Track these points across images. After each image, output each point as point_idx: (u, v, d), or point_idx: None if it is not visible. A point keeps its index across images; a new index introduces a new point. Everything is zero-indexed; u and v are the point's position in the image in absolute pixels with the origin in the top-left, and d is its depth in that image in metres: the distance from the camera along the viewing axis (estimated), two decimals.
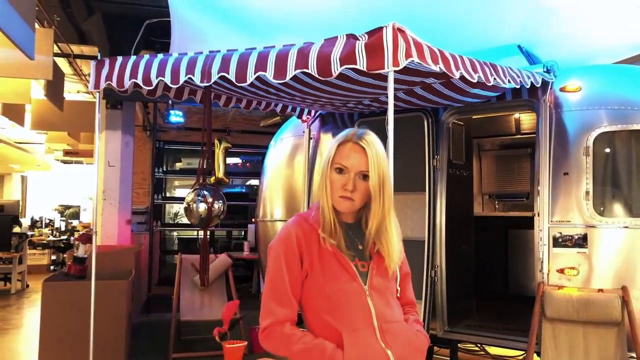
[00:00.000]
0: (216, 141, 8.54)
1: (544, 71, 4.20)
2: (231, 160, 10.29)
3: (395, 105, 4.33)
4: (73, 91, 11.09)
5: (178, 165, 10.72)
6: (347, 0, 4.60)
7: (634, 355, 3.42)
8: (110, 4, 6.76)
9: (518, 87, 3.58)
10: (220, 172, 7.57)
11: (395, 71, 2.51)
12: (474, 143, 6.48)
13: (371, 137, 1.67)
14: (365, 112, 4.71)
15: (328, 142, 5.17)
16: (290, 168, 5.49)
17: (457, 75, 2.68)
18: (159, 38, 7.63)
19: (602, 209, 3.77)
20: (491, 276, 5.67)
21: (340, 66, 2.41)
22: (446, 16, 4.86)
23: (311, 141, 5.23)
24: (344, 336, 1.56)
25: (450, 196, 4.51)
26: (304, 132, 5.29)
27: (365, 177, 1.63)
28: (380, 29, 2.41)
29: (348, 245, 1.65)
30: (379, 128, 4.78)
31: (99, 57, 7.15)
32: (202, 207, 3.84)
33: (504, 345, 4.16)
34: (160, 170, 9.82)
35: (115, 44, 7.43)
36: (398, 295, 1.76)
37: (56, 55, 7.83)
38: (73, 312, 4.67)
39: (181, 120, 7.13)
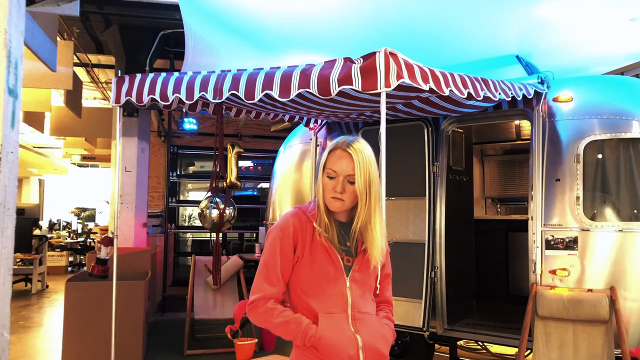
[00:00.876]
0: (229, 146, 8.85)
1: (538, 82, 4.42)
2: (243, 164, 10.56)
3: (395, 116, 4.59)
4: (90, 98, 11.47)
5: (192, 169, 11.02)
6: (352, 17, 4.82)
7: (619, 351, 3.62)
8: (127, 17, 7.07)
9: (509, 99, 3.80)
10: (232, 176, 7.86)
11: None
12: (477, 149, 6.72)
13: (359, 145, 1.84)
14: (368, 121, 4.95)
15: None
16: (299, 173, 5.74)
17: (446, 92, 2.91)
18: (172, 48, 7.95)
19: (591, 213, 3.98)
20: (492, 278, 5.87)
21: (338, 86, 2.66)
22: (447, 29, 5.07)
23: (318, 148, 5.49)
24: (319, 317, 1.77)
25: (450, 201, 4.73)
26: (311, 139, 5.55)
27: (352, 181, 1.81)
28: (373, 53, 2.66)
29: (339, 241, 1.84)
30: (379, 135, 5.05)
31: (115, 67, 7.44)
32: (215, 213, 4.11)
33: (500, 342, 4.38)
34: (175, 174, 10.13)
35: (131, 53, 7.75)
36: (378, 292, 1.95)
37: (75, 65, 8.17)
38: (94, 310, 4.96)
39: (194, 127, 7.42)
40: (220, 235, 4.69)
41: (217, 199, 4.18)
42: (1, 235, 1.81)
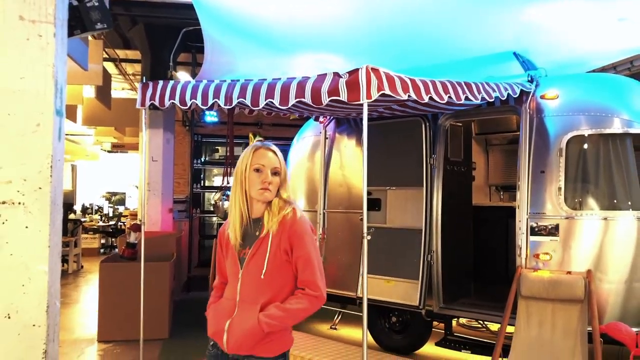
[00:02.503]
0: (250, 135, 9.28)
1: (527, 80, 4.75)
2: None
3: (392, 114, 4.97)
4: (119, 89, 12.07)
5: (216, 155, 11.52)
6: (359, 19, 5.18)
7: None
8: (151, 17, 7.56)
9: (492, 100, 4.16)
10: None
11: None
12: (482, 139, 7.06)
13: (274, 146, 2.19)
14: (373, 115, 5.35)
15: (342, 141, 5.84)
16: (311, 162, 6.18)
17: (425, 99, 3.31)
18: (194, 43, 8.42)
19: (572, 202, 4.34)
20: (492, 262, 6.24)
21: (328, 97, 3.08)
22: (448, 30, 5.39)
23: (327, 140, 5.92)
24: (222, 298, 2.19)
25: (447, 190, 5.12)
26: (321, 132, 5.97)
27: (275, 173, 2.11)
28: (357, 69, 3.06)
29: (244, 237, 2.12)
30: (384, 129, 5.46)
31: (142, 62, 7.93)
32: (227, 204, 4.59)
33: (489, 320, 4.80)
34: (199, 162, 10.67)
35: (156, 49, 8.27)
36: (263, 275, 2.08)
37: (104, 60, 8.73)
38: (125, 289, 5.53)
39: (215, 119, 7.91)
40: None
41: (229, 192, 4.65)
42: (53, 226, 2.31)
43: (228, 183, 4.81)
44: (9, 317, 2.16)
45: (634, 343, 3.77)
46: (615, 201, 4.31)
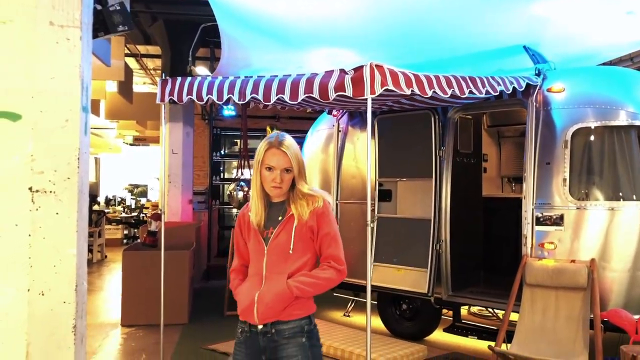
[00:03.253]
0: (268, 128, 9.54)
1: (534, 74, 4.86)
2: None
3: (401, 107, 5.12)
4: (140, 83, 12.37)
5: (235, 148, 11.75)
6: (370, 16, 5.32)
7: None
8: (171, 13, 7.80)
9: (496, 94, 4.28)
10: None
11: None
12: (494, 131, 7.14)
13: (288, 141, 2.25)
14: (383, 109, 5.50)
15: (355, 134, 6.00)
16: (325, 154, 6.35)
17: (429, 93, 3.46)
18: (212, 38, 8.64)
19: (576, 193, 4.45)
20: (503, 252, 6.35)
21: (334, 93, 3.25)
22: (459, 24, 5.50)
23: (340, 133, 6.08)
24: (247, 279, 2.33)
25: (456, 181, 5.26)
26: (334, 125, 6.14)
27: (288, 171, 2.22)
28: (361, 66, 3.22)
29: (267, 220, 2.27)
30: (395, 123, 5.60)
31: (162, 58, 8.16)
32: (240, 194, 4.82)
33: (496, 307, 4.94)
34: (218, 154, 10.92)
35: (176, 44, 8.51)
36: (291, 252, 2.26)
37: (126, 55, 9.00)
38: (146, 275, 5.77)
39: (233, 113, 8.12)
40: None
41: (242, 183, 4.88)
42: (80, 213, 2.53)
43: (242, 175, 5.01)
44: (43, 294, 2.39)
45: (633, 329, 3.88)
46: (619, 192, 4.40)
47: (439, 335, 5.45)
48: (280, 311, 2.21)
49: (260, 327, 2.24)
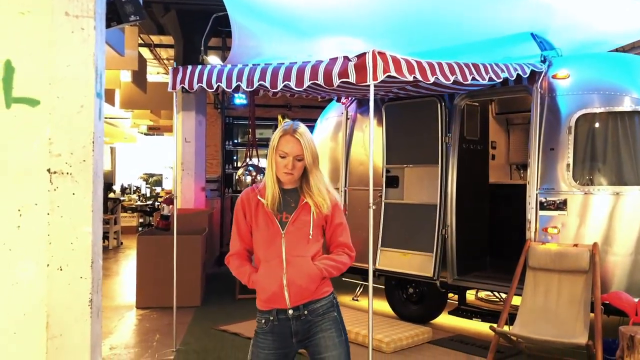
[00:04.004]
0: (279, 117, 9.65)
1: (540, 60, 4.90)
2: None
3: (407, 94, 5.20)
4: (154, 73, 12.55)
5: (247, 137, 11.88)
6: (375, 3, 5.39)
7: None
8: (183, 3, 7.92)
9: (500, 80, 4.34)
10: None
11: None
12: (502, 118, 7.19)
13: (302, 129, 2.30)
14: (390, 96, 5.58)
15: (363, 122, 6.09)
16: (335, 142, 6.46)
17: (431, 79, 3.54)
18: (224, 27, 8.75)
19: (579, 178, 4.51)
20: (511, 238, 6.41)
21: (338, 80, 3.35)
22: (465, 9, 5.55)
23: (348, 121, 6.18)
24: (260, 265, 2.30)
25: (462, 167, 5.34)
26: (342, 113, 6.24)
27: (300, 159, 2.26)
28: (364, 53, 3.31)
29: (280, 205, 2.30)
30: (402, 110, 5.69)
31: (175, 48, 8.31)
32: (249, 178, 4.96)
33: (500, 290, 5.04)
34: (230, 143, 11.07)
35: (188, 34, 8.65)
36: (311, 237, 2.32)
37: (139, 45, 9.15)
38: (160, 259, 5.96)
39: (244, 102, 8.24)
40: None
41: (251, 168, 5.02)
42: (95, 194, 2.68)
43: (250, 160, 5.15)
44: (61, 270, 2.54)
45: (633, 311, 3.96)
46: (622, 177, 4.46)
47: (444, 319, 5.56)
48: (313, 292, 2.28)
49: (290, 312, 2.27)
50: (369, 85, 3.40)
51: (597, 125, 4.53)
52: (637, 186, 4.38)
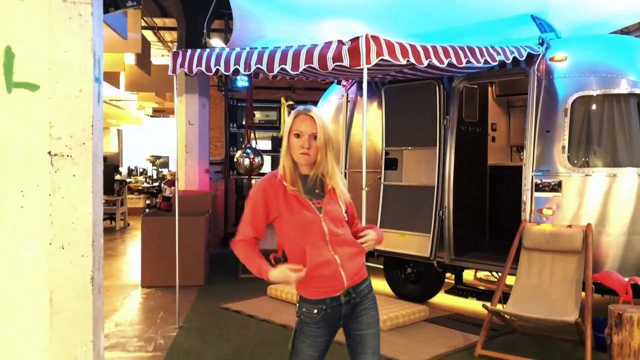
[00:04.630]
0: (282, 99, 9.68)
1: (538, 43, 4.92)
2: None
3: (404, 77, 5.24)
4: (158, 55, 12.59)
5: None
6: None
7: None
8: None
9: (495, 63, 4.37)
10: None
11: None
12: (503, 100, 7.21)
13: (316, 110, 2.28)
14: (388, 79, 5.62)
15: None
16: (336, 124, 6.52)
17: (425, 63, 3.59)
18: (227, 10, 8.76)
19: (575, 160, 4.56)
20: (510, 219, 6.48)
21: (333, 63, 3.41)
22: None
23: (349, 104, 6.23)
24: (306, 250, 2.21)
25: (460, 150, 5.40)
26: (343, 95, 6.29)
27: (315, 137, 2.23)
28: (357, 37, 3.36)
29: (306, 190, 2.26)
30: (398, 92, 5.75)
31: (178, 30, 8.34)
32: (247, 161, 5.04)
33: (495, 270, 5.14)
34: (235, 126, 11.13)
35: (190, 16, 8.67)
36: (350, 224, 2.38)
37: (143, 28, 9.20)
38: (164, 240, 6.07)
39: (246, 84, 8.28)
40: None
41: (249, 150, 5.10)
42: (95, 176, 2.77)
43: (249, 143, 5.23)
44: (63, 248, 2.65)
45: (624, 290, 4.05)
46: (617, 159, 4.51)
47: (441, 298, 5.67)
48: (360, 269, 2.31)
49: (342, 297, 2.25)
50: (371, 69, 3.44)
51: (593, 107, 4.57)
52: (632, 168, 4.43)
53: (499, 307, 4.39)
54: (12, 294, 2.60)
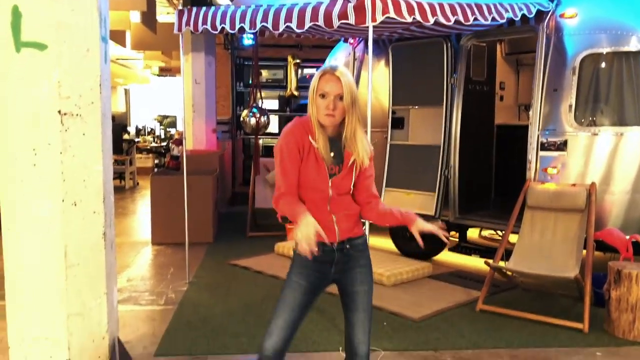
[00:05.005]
0: (289, 57, 9.59)
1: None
2: (308, 72, 11.12)
3: (411, 34, 5.19)
4: (164, 13, 12.42)
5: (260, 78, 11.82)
6: None
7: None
8: None
9: (503, 21, 4.32)
10: (292, 87, 8.70)
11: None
12: (513, 59, 7.12)
13: (342, 69, 2.19)
14: (394, 37, 5.57)
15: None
16: None
17: (431, 21, 3.56)
18: None
19: (581, 119, 4.55)
20: (515, 178, 6.51)
21: (338, 21, 3.39)
22: None
23: (356, 62, 6.20)
24: (307, 203, 2.23)
25: (467, 108, 5.38)
26: (350, 53, 6.25)
27: (341, 98, 2.15)
28: None
29: (326, 152, 2.22)
30: (405, 50, 5.69)
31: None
32: (253, 120, 5.07)
33: (499, 229, 5.20)
34: (242, 85, 11.08)
35: None
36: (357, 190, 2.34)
37: None
38: (173, 198, 6.16)
39: (252, 42, 8.20)
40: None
41: (255, 110, 5.12)
42: (104, 134, 2.83)
43: (255, 103, 5.25)
44: (75, 205, 2.73)
45: (624, 247, 4.11)
46: (624, 117, 4.49)
47: (445, 256, 5.77)
48: (354, 229, 2.33)
49: (335, 244, 2.28)
50: (378, 26, 3.41)
51: (602, 65, 4.53)
52: (638, 126, 4.42)
53: (501, 264, 4.48)
54: (28, 248, 2.70)
